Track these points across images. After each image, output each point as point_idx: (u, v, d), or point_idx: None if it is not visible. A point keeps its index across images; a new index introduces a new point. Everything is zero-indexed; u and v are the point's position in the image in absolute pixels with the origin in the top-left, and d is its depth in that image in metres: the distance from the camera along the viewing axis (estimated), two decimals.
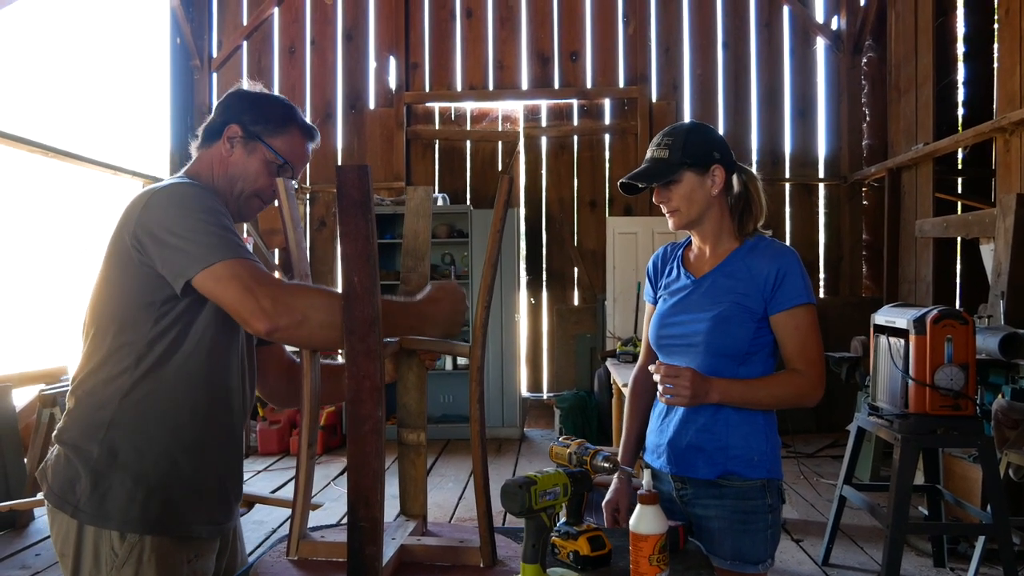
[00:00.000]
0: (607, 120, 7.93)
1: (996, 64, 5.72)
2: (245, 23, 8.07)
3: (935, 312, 3.23)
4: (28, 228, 6.03)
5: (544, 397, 7.83)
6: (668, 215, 1.94)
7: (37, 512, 4.68)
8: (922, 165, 6.54)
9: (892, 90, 7.25)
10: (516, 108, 7.99)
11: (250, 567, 1.51)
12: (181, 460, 1.57)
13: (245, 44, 8.11)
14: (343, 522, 1.46)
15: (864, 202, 7.77)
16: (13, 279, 5.85)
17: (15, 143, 5.41)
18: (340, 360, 1.56)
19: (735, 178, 1.93)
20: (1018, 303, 4.55)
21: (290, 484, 5.41)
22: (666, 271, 2.06)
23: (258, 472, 5.94)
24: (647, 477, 1.51)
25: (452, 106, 8.01)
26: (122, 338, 1.55)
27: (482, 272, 1.48)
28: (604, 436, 6.61)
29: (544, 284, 7.95)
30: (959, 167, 6.53)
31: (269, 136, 1.70)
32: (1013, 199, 4.76)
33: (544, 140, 7.96)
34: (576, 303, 7.91)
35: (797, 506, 4.86)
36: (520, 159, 7.95)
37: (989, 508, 3.30)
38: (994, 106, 5.66)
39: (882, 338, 3.58)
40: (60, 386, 4.85)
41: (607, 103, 7.94)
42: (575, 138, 7.95)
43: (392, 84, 7.97)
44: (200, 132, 1.74)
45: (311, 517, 1.57)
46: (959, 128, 6.24)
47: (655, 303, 2.06)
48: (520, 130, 7.96)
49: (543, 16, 7.95)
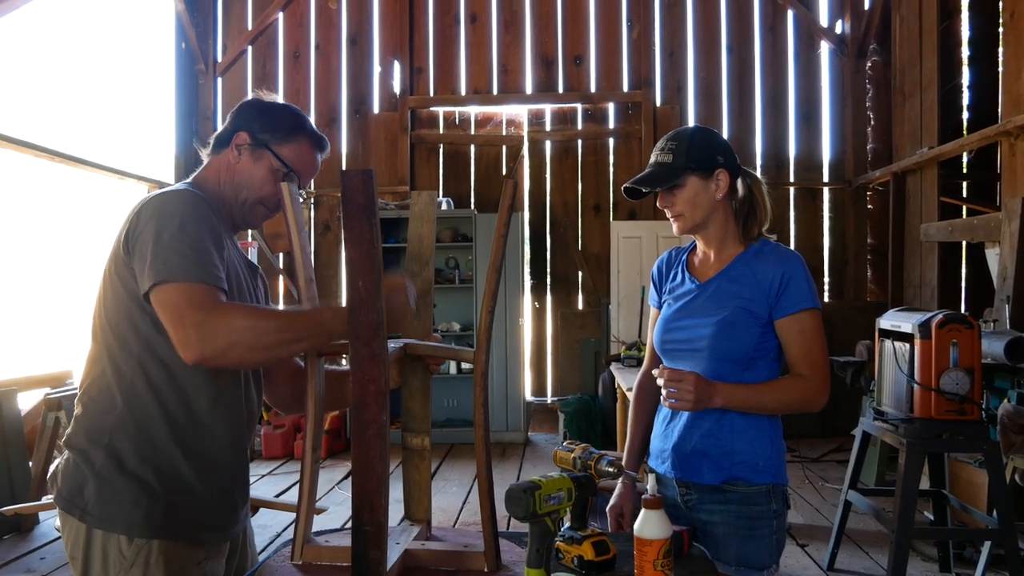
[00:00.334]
0: (611, 124, 7.93)
1: (1001, 68, 5.71)
2: (250, 28, 8.09)
3: (940, 316, 3.22)
4: (35, 232, 6.05)
5: (548, 401, 7.82)
6: (672, 219, 1.93)
7: (42, 516, 4.68)
8: (927, 169, 6.53)
9: (897, 94, 7.24)
10: (520, 112, 7.99)
11: (254, 571, 1.51)
12: (183, 467, 1.58)
13: (250, 49, 8.13)
14: (347, 526, 1.46)
15: (869, 206, 7.76)
16: (19, 283, 5.86)
17: (22, 148, 5.43)
18: (345, 365, 1.56)
19: (739, 182, 1.93)
20: None
21: (294, 488, 5.41)
22: (671, 275, 2.06)
23: (262, 476, 5.95)
24: (651, 481, 1.51)
25: (456, 110, 8.02)
26: (122, 344, 1.56)
27: (486, 276, 1.48)
28: (608, 440, 6.60)
29: (548, 288, 7.94)
30: (964, 171, 6.52)
31: (276, 144, 1.70)
32: (1018, 203, 4.75)
33: (548, 144, 7.97)
34: (580, 307, 7.91)
35: (802, 511, 4.85)
36: (524, 163, 7.95)
37: (995, 513, 3.29)
38: (999, 110, 5.64)
39: (887, 342, 3.58)
40: (65, 390, 4.85)
41: (611, 107, 7.94)
42: (579, 142, 7.95)
43: (396, 89, 7.98)
44: (212, 138, 1.75)
45: (315, 521, 1.57)
46: (964, 132, 6.23)
47: (660, 307, 2.05)
48: (524, 134, 7.96)
49: (547, 20, 7.96)
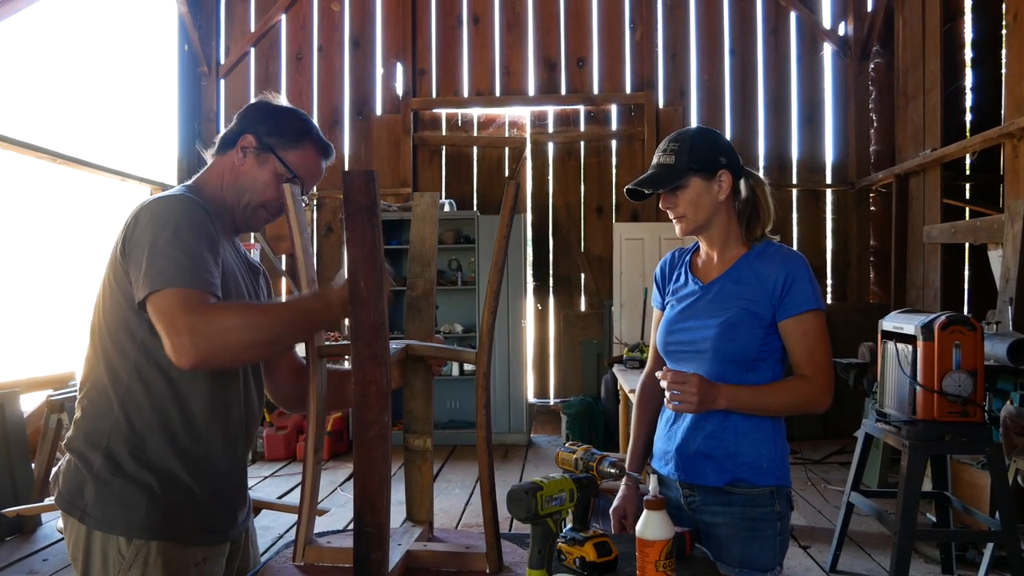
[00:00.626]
0: (614, 126, 7.93)
1: (1004, 70, 5.70)
2: (253, 30, 8.10)
3: (943, 318, 3.21)
4: (37, 234, 6.06)
5: (551, 403, 7.82)
6: (675, 221, 1.93)
7: (44, 518, 4.69)
8: (930, 171, 6.52)
9: (899, 96, 7.23)
10: (523, 114, 7.99)
11: (256, 572, 1.51)
12: (179, 469, 1.58)
13: (253, 51, 8.14)
14: (349, 528, 1.45)
15: (871, 208, 7.75)
16: (22, 285, 5.87)
17: (24, 149, 5.44)
18: (347, 366, 1.56)
19: (743, 183, 1.92)
20: None
21: (296, 490, 5.41)
22: (674, 277, 2.05)
23: (264, 478, 5.95)
24: (653, 482, 1.51)
25: (459, 112, 8.02)
26: (119, 348, 1.56)
27: (488, 278, 1.48)
28: (611, 442, 6.59)
29: (551, 290, 7.94)
30: (967, 173, 6.51)
31: (282, 149, 1.70)
32: (1021, 205, 4.74)
33: (551, 146, 7.97)
34: (583, 309, 7.90)
35: (804, 512, 4.84)
36: (527, 165, 7.96)
37: (998, 515, 3.28)
38: (1002, 112, 5.64)
39: (890, 344, 3.57)
40: (68, 391, 4.86)
41: (614, 109, 7.94)
42: (582, 144, 7.95)
43: (399, 90, 7.98)
44: (217, 139, 1.75)
45: (317, 523, 1.57)
46: (967, 134, 6.23)
47: (663, 309, 2.05)
48: (527, 136, 7.97)
49: (550, 22, 7.96)
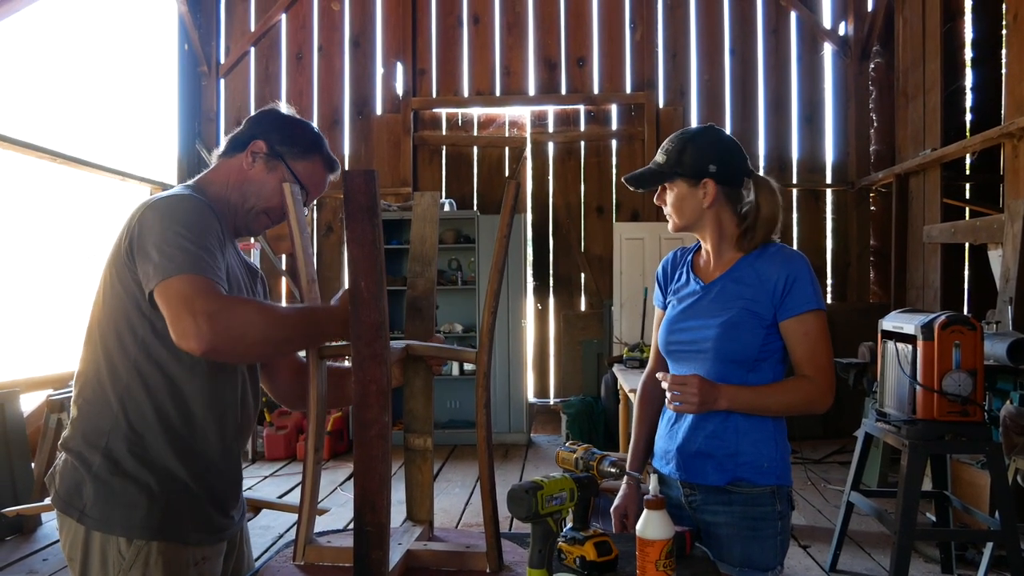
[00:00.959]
0: (614, 126, 7.93)
1: (1004, 69, 5.70)
2: (253, 29, 8.10)
3: (943, 318, 3.22)
4: (38, 233, 6.06)
5: (551, 403, 7.82)
6: (668, 216, 1.97)
7: (44, 517, 4.69)
8: (930, 171, 6.52)
9: (900, 96, 7.23)
10: (523, 114, 7.99)
11: (256, 572, 1.51)
12: (178, 468, 1.58)
13: (253, 50, 8.14)
14: (349, 527, 1.46)
15: (872, 208, 7.75)
16: (22, 284, 5.87)
17: (24, 149, 5.44)
18: (347, 364, 1.56)
19: (746, 190, 1.93)
20: None
21: (296, 489, 5.41)
22: (676, 276, 2.05)
23: (264, 477, 5.95)
24: (653, 482, 1.51)
25: (459, 112, 8.02)
26: (120, 347, 1.56)
27: (489, 278, 1.48)
28: (611, 442, 6.59)
29: (551, 290, 7.94)
30: (967, 173, 6.51)
31: (292, 159, 1.72)
32: (1021, 205, 4.75)
33: (551, 146, 7.97)
34: (583, 309, 7.90)
35: (804, 512, 4.84)
36: (527, 165, 7.96)
37: (997, 514, 3.28)
38: (1002, 112, 5.64)
39: (890, 344, 3.57)
40: (68, 391, 4.86)
41: (614, 109, 7.94)
42: (582, 144, 7.95)
43: (399, 90, 7.98)
44: (225, 141, 1.76)
45: (317, 522, 1.57)
46: (967, 134, 6.23)
47: (664, 308, 2.05)
48: (527, 136, 7.97)
49: (550, 22, 7.96)
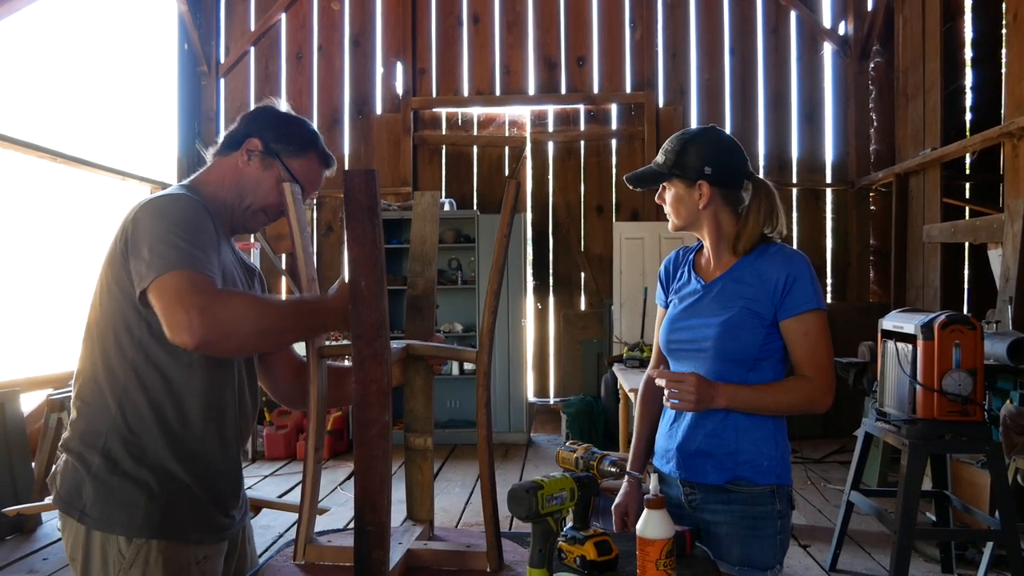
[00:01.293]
0: (614, 125, 7.93)
1: (1004, 69, 5.70)
2: (252, 29, 8.10)
3: (943, 317, 3.22)
4: (37, 233, 6.06)
5: (551, 402, 7.82)
6: (667, 216, 1.98)
7: (44, 517, 4.69)
8: (930, 170, 6.52)
9: (900, 95, 7.23)
10: (523, 113, 7.99)
11: (257, 571, 1.51)
12: (177, 468, 1.58)
13: (252, 50, 8.14)
14: (350, 526, 1.46)
15: (871, 207, 7.75)
16: (22, 284, 5.87)
17: (24, 149, 5.44)
18: (347, 363, 1.56)
19: (745, 192, 1.93)
20: None
21: (297, 488, 5.42)
22: (677, 275, 2.06)
23: (265, 477, 5.95)
24: (653, 481, 1.51)
25: (459, 111, 8.02)
26: (117, 347, 1.56)
27: (489, 277, 1.48)
28: (611, 441, 6.59)
29: (551, 289, 7.94)
30: (967, 172, 6.51)
31: (288, 157, 1.71)
32: (1021, 204, 4.74)
33: (551, 145, 7.97)
34: (583, 308, 7.90)
35: (804, 512, 4.84)
36: (527, 164, 7.96)
37: (997, 514, 3.28)
38: (1002, 111, 5.64)
39: (890, 343, 3.57)
40: (68, 390, 4.85)
41: (614, 108, 7.94)
42: (582, 143, 7.95)
43: (399, 89, 7.98)
44: (220, 140, 1.76)
45: (318, 521, 1.57)
46: (967, 133, 6.23)
47: (666, 307, 2.05)
48: (527, 135, 7.96)
49: (550, 21, 7.95)
